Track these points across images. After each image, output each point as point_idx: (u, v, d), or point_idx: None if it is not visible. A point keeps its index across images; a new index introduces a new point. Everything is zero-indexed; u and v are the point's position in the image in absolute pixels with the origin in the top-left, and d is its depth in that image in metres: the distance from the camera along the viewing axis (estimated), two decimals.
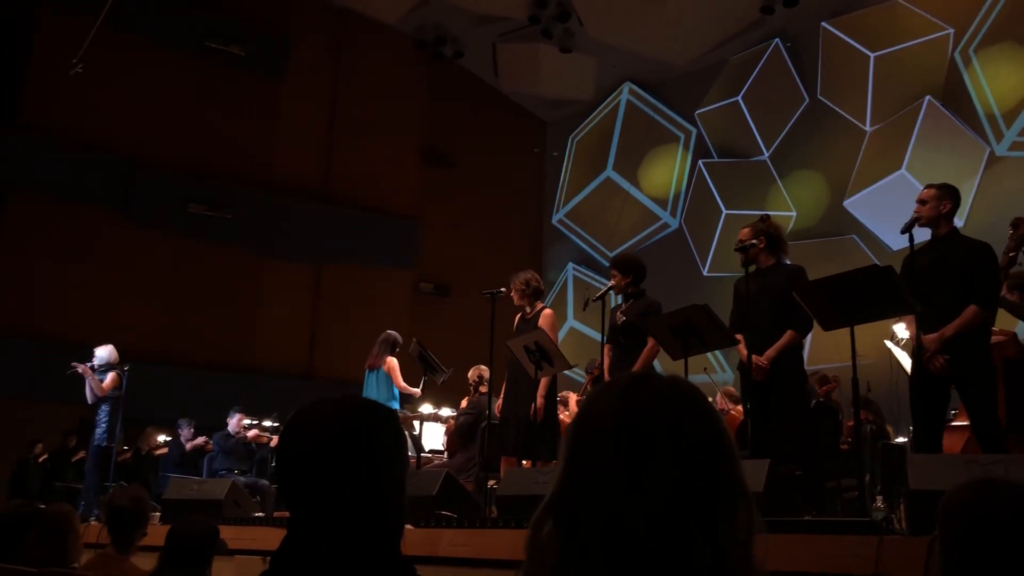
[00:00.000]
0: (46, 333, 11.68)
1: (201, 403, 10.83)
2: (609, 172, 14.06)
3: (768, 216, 5.74)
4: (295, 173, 13.80)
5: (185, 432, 10.47)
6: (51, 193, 11.96)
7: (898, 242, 10.07)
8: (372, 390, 7.75)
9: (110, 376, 8.56)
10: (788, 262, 5.35)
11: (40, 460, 11.20)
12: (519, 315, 6.44)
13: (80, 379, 8.66)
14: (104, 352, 8.61)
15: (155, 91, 12.72)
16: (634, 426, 1.06)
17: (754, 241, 5.19)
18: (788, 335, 5.04)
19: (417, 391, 7.87)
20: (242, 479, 8.44)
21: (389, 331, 8.16)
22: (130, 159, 12.49)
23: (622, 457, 1.04)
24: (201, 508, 6.14)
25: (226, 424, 9.72)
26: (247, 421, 9.98)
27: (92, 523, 5.97)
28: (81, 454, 11.22)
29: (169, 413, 10.84)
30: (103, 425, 8.48)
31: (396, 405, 7.88)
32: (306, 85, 14.01)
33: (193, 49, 12.98)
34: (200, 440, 10.34)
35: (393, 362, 7.82)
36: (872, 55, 11.23)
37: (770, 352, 5.02)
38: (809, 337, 5.37)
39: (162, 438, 10.81)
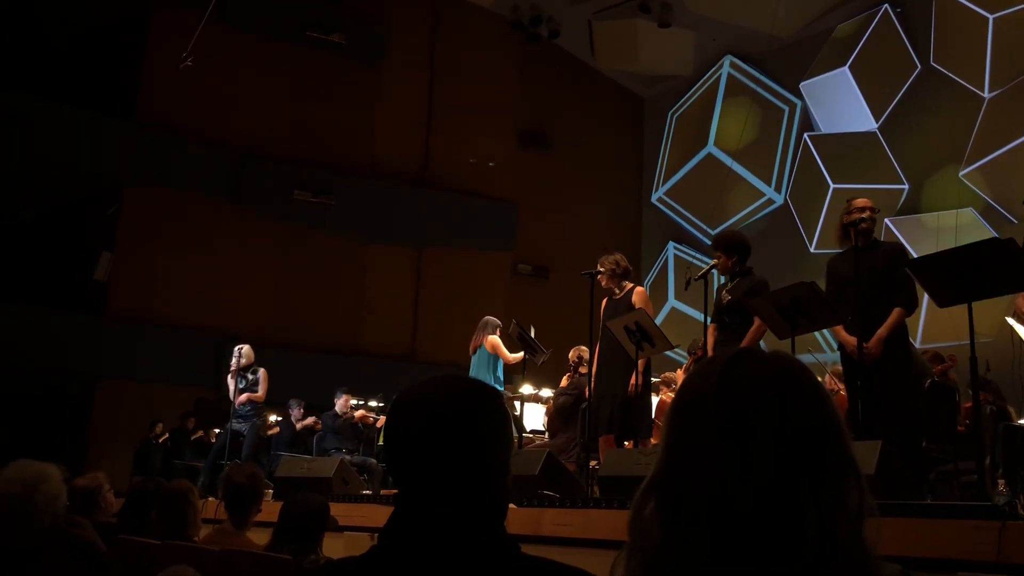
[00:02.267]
0: (162, 318, 12.25)
1: (309, 384, 11.16)
2: (710, 148, 13.77)
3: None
4: (395, 159, 14.03)
5: (295, 412, 10.81)
6: (165, 184, 12.50)
7: (1021, 214, 9.56)
8: (474, 370, 7.84)
9: (262, 378, 8.91)
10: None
11: (160, 440, 11.76)
12: (606, 298, 6.36)
13: (206, 365, 9.06)
14: (248, 350, 8.92)
15: (259, 82, 13.11)
16: (736, 404, 1.03)
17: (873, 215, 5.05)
18: (895, 313, 4.85)
19: (519, 356, 7.86)
20: (349, 458, 8.67)
21: (488, 317, 8.21)
22: (237, 149, 12.94)
23: (724, 435, 1.02)
24: (311, 486, 6.32)
25: (333, 404, 9.99)
26: (353, 401, 10.24)
27: (210, 499, 6.24)
28: (199, 434, 11.74)
29: (279, 394, 11.22)
30: (251, 420, 8.84)
31: (500, 385, 7.91)
32: (405, 71, 14.20)
33: (295, 40, 13.33)
34: (309, 420, 10.67)
35: (494, 339, 7.86)
36: (991, 16, 10.64)
37: (880, 332, 4.84)
38: (923, 314, 5.16)
39: (274, 418, 11.19)
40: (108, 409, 12.10)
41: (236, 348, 8.85)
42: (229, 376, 8.85)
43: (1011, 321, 6.42)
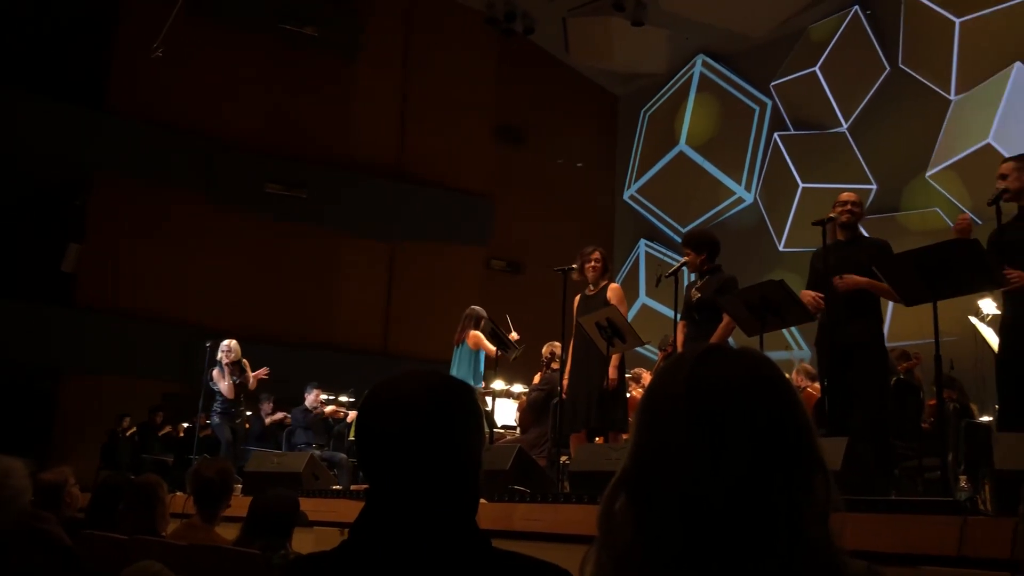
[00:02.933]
0: (131, 311, 12.13)
1: (279, 379, 11.10)
2: (682, 146, 13.86)
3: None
4: (369, 152, 13.98)
5: (265, 407, 10.75)
6: (135, 174, 12.35)
7: (985, 215, 9.71)
8: (455, 365, 7.81)
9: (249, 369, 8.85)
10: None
11: (128, 434, 11.64)
12: (579, 294, 6.39)
13: (182, 357, 8.93)
14: (236, 344, 8.80)
15: (232, 73, 13.00)
16: (706, 400, 1.04)
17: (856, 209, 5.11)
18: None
19: (492, 349, 7.84)
20: (319, 453, 8.64)
21: (473, 306, 8.14)
22: (209, 141, 12.82)
23: (695, 430, 1.02)
24: (281, 481, 6.30)
25: (303, 399, 9.94)
26: (324, 396, 10.19)
27: (178, 494, 6.19)
28: (167, 429, 11.64)
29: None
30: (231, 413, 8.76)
31: (479, 380, 7.89)
32: (379, 64, 14.14)
33: (268, 31, 13.22)
34: (279, 415, 10.61)
35: (477, 335, 7.85)
36: (958, 20, 10.79)
37: (863, 282, 4.85)
38: (889, 313, 5.23)
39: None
40: (75, 403, 11.95)
41: (225, 343, 8.69)
42: (216, 371, 8.67)
43: (974, 320, 6.54)
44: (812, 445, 1.05)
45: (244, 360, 8.85)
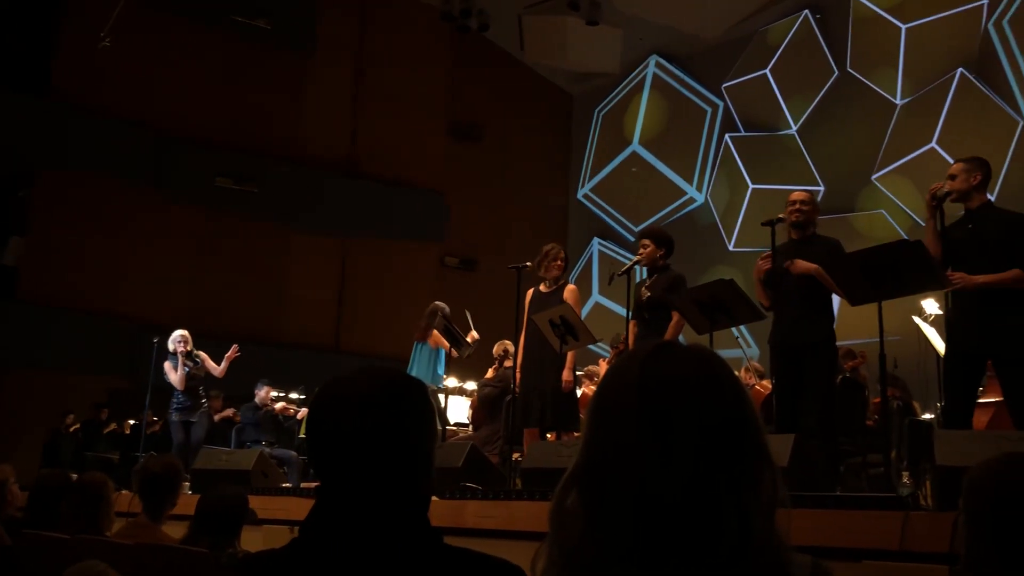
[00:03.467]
0: (75, 304, 11.86)
1: (229, 375, 10.96)
2: (635, 146, 13.97)
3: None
4: (322, 147, 13.85)
5: (214, 404, 10.60)
6: (81, 166, 12.08)
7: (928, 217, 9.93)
8: (415, 362, 7.75)
9: (207, 357, 8.63)
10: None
11: (71, 431, 11.40)
12: (532, 290, 6.40)
13: (143, 357, 8.73)
14: (188, 335, 8.61)
15: (182, 65, 12.78)
16: (657, 397, 1.05)
17: (809, 207, 5.16)
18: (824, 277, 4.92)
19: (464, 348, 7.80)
20: (269, 450, 8.54)
21: (436, 302, 8.05)
22: (157, 132, 12.60)
23: (645, 427, 1.03)
24: (230, 478, 6.22)
25: (253, 396, 9.82)
26: (274, 393, 10.08)
27: (124, 492, 6.08)
28: (112, 426, 11.41)
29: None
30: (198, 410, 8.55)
31: (439, 378, 7.83)
32: (332, 58, 14.01)
33: (220, 23, 13.02)
34: (228, 412, 10.47)
35: (439, 336, 7.78)
36: (904, 26, 11.03)
37: (815, 268, 4.92)
38: (835, 312, 5.32)
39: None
40: (16, 398, 11.65)
41: (177, 333, 8.50)
42: (168, 363, 8.44)
43: (918, 320, 6.70)
44: (760, 442, 1.06)
45: (201, 352, 8.69)
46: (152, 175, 12.58)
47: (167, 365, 8.49)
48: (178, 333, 8.54)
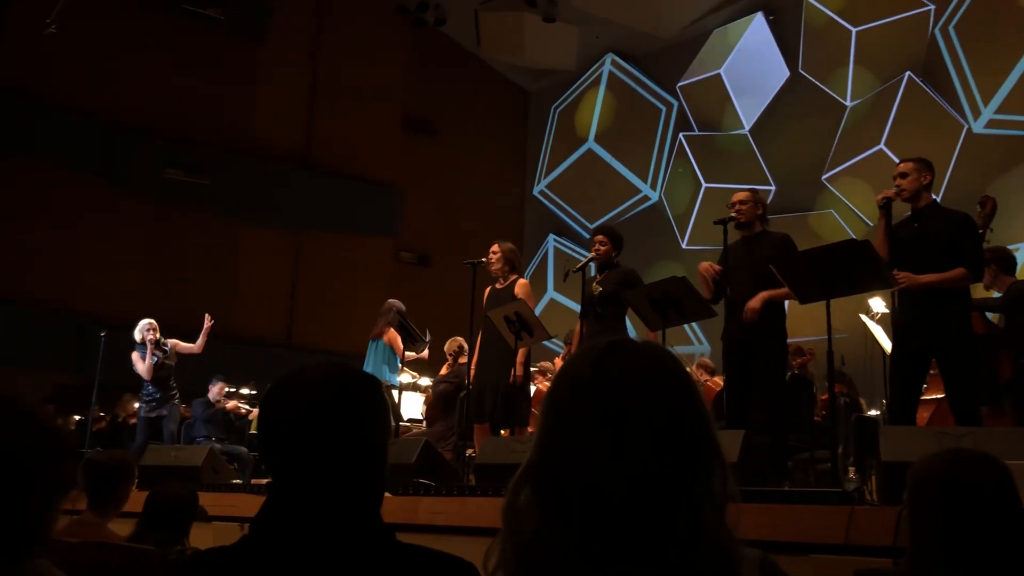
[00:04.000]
0: (20, 298, 11.58)
1: (179, 370, 10.78)
2: (591, 144, 14.04)
3: (756, 190, 5.75)
4: (275, 139, 13.68)
5: None
6: (26, 156, 11.79)
7: (876, 217, 10.14)
8: (370, 360, 7.73)
9: (178, 341, 8.43)
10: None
11: None
12: (489, 288, 6.45)
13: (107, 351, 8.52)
14: (155, 323, 8.40)
15: (132, 54, 12.52)
16: (610, 393, 1.06)
17: (750, 205, 5.23)
18: (783, 291, 4.98)
19: (411, 355, 7.83)
20: (220, 447, 8.43)
21: (391, 300, 8.02)
22: (106, 122, 12.34)
23: (599, 423, 1.04)
24: (179, 475, 6.14)
25: (206, 391, 9.69)
26: (227, 390, 9.95)
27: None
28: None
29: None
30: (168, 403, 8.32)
31: (394, 376, 7.83)
32: (287, 50, 13.84)
33: (170, 12, 12.78)
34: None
35: (393, 333, 7.76)
36: (854, 30, 11.23)
37: (764, 295, 5.01)
38: (785, 310, 5.40)
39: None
40: None
41: (144, 321, 8.30)
42: (136, 353, 8.19)
43: (864, 318, 6.83)
44: (711, 437, 1.08)
45: (171, 340, 8.47)
46: (100, 166, 12.32)
47: (135, 355, 8.24)
48: (145, 322, 8.33)
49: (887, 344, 6.14)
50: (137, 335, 8.26)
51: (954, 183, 9.98)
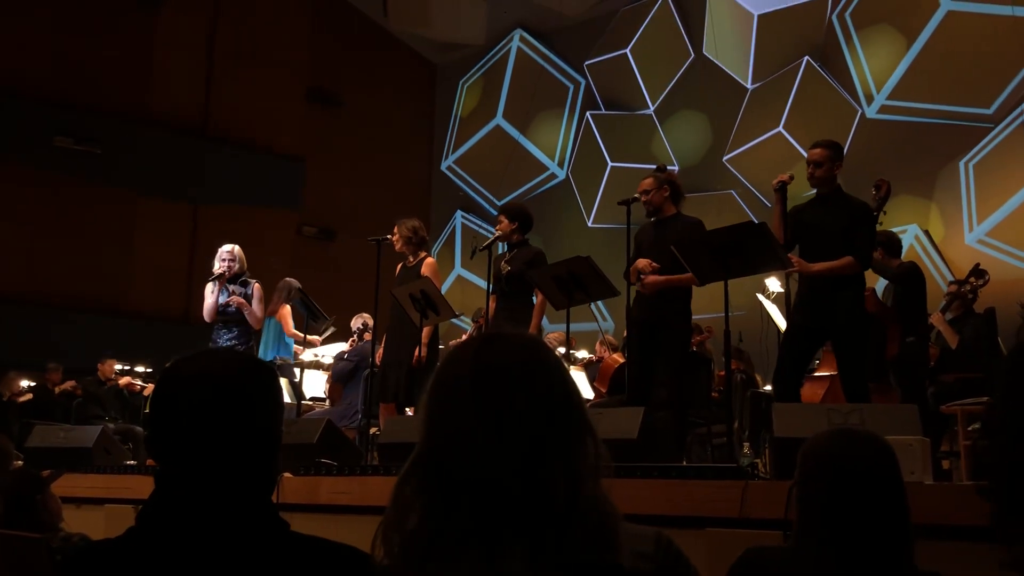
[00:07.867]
0: None
1: (69, 346, 10.39)
2: (499, 120, 14.00)
3: (666, 167, 5.82)
4: (171, 107, 13.18)
5: (52, 376, 10.02)
6: None
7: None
8: (264, 338, 7.60)
9: (257, 295, 6.79)
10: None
11: None
12: (400, 264, 6.41)
13: None
14: (240, 252, 7.11)
15: (16, 14, 11.86)
16: (489, 382, 1.13)
17: (655, 190, 5.29)
18: (686, 277, 5.07)
19: (315, 338, 7.73)
20: (113, 426, 8.16)
21: (287, 279, 7.92)
22: None
23: (480, 412, 1.11)
24: (69, 456, 5.91)
25: (95, 369, 9.34)
26: (119, 367, 9.62)
27: None
28: None
29: (35, 356, 10.34)
30: None
31: (289, 352, 7.73)
32: (185, 13, 13.32)
33: None
34: (68, 384, 9.92)
35: (284, 310, 7.66)
36: (756, 13, 11.48)
37: (665, 279, 5.10)
38: (691, 291, 5.50)
39: (25, 383, 10.30)
40: None
41: (223, 248, 6.89)
42: (210, 284, 6.78)
43: (761, 297, 7.05)
44: (582, 414, 1.17)
45: (256, 283, 6.94)
46: None
47: (207, 288, 6.89)
48: (224, 248, 6.92)
49: (782, 322, 6.35)
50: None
51: (848, 167, 10.31)
